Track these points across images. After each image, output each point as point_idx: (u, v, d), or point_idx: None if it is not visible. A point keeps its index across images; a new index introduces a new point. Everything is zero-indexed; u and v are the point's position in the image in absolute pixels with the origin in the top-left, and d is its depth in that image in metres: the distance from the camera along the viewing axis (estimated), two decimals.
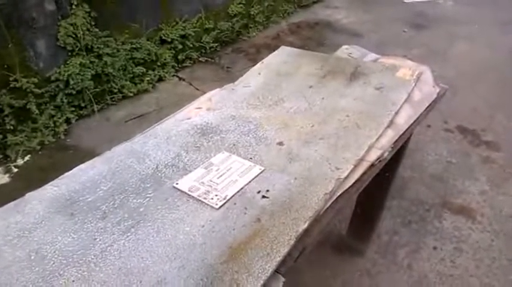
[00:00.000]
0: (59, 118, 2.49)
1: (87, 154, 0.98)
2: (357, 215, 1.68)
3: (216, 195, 0.84)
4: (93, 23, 2.51)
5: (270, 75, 1.34)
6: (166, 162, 0.95)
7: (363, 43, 3.64)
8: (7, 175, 2.19)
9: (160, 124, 1.10)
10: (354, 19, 4.23)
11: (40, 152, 2.39)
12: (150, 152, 0.98)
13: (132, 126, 2.58)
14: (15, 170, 2.23)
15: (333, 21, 4.18)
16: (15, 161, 2.27)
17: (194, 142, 1.02)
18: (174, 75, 3.10)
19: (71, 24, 2.39)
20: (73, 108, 2.58)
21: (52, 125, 2.46)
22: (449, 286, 1.63)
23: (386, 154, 1.05)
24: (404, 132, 1.13)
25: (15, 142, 2.28)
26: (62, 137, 2.50)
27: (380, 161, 1.02)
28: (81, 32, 2.43)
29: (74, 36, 2.42)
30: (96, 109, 2.66)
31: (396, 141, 1.09)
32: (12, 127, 2.26)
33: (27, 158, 2.33)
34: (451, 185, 2.14)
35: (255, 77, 1.34)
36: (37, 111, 2.36)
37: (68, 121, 2.56)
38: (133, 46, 2.80)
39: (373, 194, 1.57)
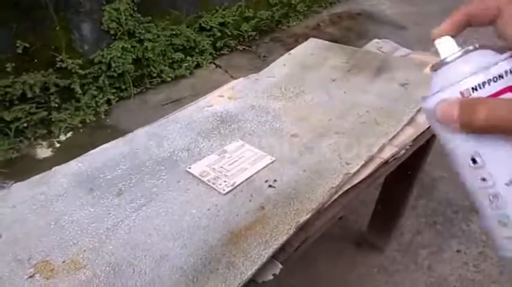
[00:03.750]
0: (101, 99, 2.63)
1: (124, 134, 1.05)
2: (377, 212, 1.67)
3: (225, 181, 0.87)
4: (135, 9, 2.61)
5: (295, 67, 1.36)
6: (183, 146, 0.99)
7: (406, 36, 3.54)
8: (50, 149, 2.35)
9: (182, 110, 1.15)
10: (398, 10, 4.10)
11: (81, 130, 2.54)
12: (169, 136, 1.03)
13: (168, 110, 2.67)
14: (58, 145, 2.39)
15: (376, 12, 4.08)
16: (58, 137, 2.42)
17: (212, 129, 1.06)
18: (211, 62, 3.17)
19: (115, 10, 2.50)
20: (114, 90, 2.71)
21: (94, 105, 2.60)
22: None
23: (402, 152, 1.04)
24: (425, 130, 1.11)
25: (59, 119, 2.43)
26: (103, 116, 2.64)
27: (395, 158, 1.02)
28: (124, 17, 2.53)
29: (117, 21, 2.53)
30: (134, 92, 2.77)
31: (415, 139, 1.08)
32: (56, 105, 2.41)
33: (69, 134, 2.48)
34: None
35: (280, 68, 1.36)
36: (80, 91, 2.50)
37: (108, 102, 2.69)
38: (173, 32, 2.88)
39: (395, 191, 1.55)
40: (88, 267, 0.70)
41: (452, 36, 0.36)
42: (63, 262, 0.71)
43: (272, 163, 0.94)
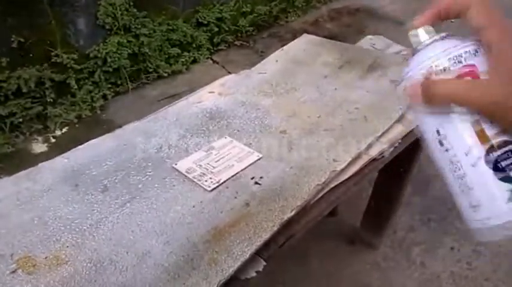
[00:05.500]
0: (96, 94, 2.62)
1: None
2: (371, 209, 1.67)
3: (211, 178, 0.87)
4: (131, 4, 2.59)
5: (287, 63, 1.35)
6: (170, 143, 0.99)
7: (406, 32, 3.52)
8: (45, 144, 2.35)
9: (172, 106, 1.15)
10: (400, 7, 4.07)
11: (77, 125, 2.53)
12: (157, 132, 1.03)
13: (164, 106, 2.67)
14: (53, 140, 2.39)
15: (376, 8, 4.05)
16: (53, 131, 2.42)
17: (201, 125, 1.06)
18: (208, 58, 3.15)
19: (110, 4, 2.49)
20: (110, 85, 2.70)
21: (90, 100, 2.59)
22: None
23: (391, 149, 1.03)
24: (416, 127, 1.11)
25: (54, 114, 2.42)
26: (98, 112, 2.63)
27: (383, 156, 1.02)
28: (120, 12, 2.52)
29: (112, 15, 2.52)
30: (130, 87, 2.76)
31: (405, 137, 1.07)
32: (52, 100, 2.40)
33: (65, 129, 2.47)
34: None
35: (272, 64, 1.35)
36: (76, 86, 2.49)
37: (104, 97, 2.68)
38: (170, 27, 2.87)
39: (388, 189, 1.55)
40: (70, 263, 0.70)
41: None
42: (46, 257, 0.71)
43: (259, 159, 0.93)
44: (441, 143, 0.36)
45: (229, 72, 3.02)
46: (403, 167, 1.44)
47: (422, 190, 2.03)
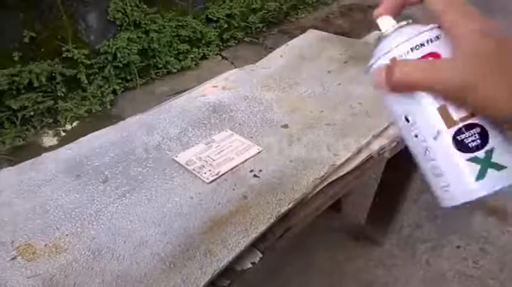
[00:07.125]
0: (106, 89, 2.65)
1: None
2: (376, 205, 1.66)
3: (210, 170, 0.88)
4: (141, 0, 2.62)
5: (292, 58, 1.35)
6: (172, 135, 1.00)
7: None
8: (56, 138, 2.39)
9: (175, 99, 1.16)
10: None
11: (87, 119, 2.56)
12: (159, 125, 1.04)
13: None
14: (63, 134, 2.43)
15: None
16: (64, 125, 2.46)
17: (203, 119, 1.06)
18: (217, 54, 3.16)
19: (121, 0, 2.51)
20: (120, 81, 2.73)
21: (100, 95, 2.62)
22: (467, 286, 1.58)
23: (393, 145, 1.03)
24: None
25: (65, 108, 2.46)
26: (108, 106, 2.66)
27: (385, 151, 1.01)
28: (130, 8, 2.55)
29: (123, 11, 2.54)
30: (140, 83, 2.79)
31: None
32: (63, 94, 2.44)
33: (75, 124, 2.51)
34: None
35: (277, 59, 1.35)
36: (86, 81, 2.53)
37: (114, 92, 2.71)
38: (180, 23, 2.89)
39: (393, 185, 1.54)
40: (69, 251, 0.72)
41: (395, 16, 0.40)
42: (45, 245, 0.73)
43: (259, 153, 0.94)
44: (410, 128, 0.37)
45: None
46: (408, 163, 1.43)
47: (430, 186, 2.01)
